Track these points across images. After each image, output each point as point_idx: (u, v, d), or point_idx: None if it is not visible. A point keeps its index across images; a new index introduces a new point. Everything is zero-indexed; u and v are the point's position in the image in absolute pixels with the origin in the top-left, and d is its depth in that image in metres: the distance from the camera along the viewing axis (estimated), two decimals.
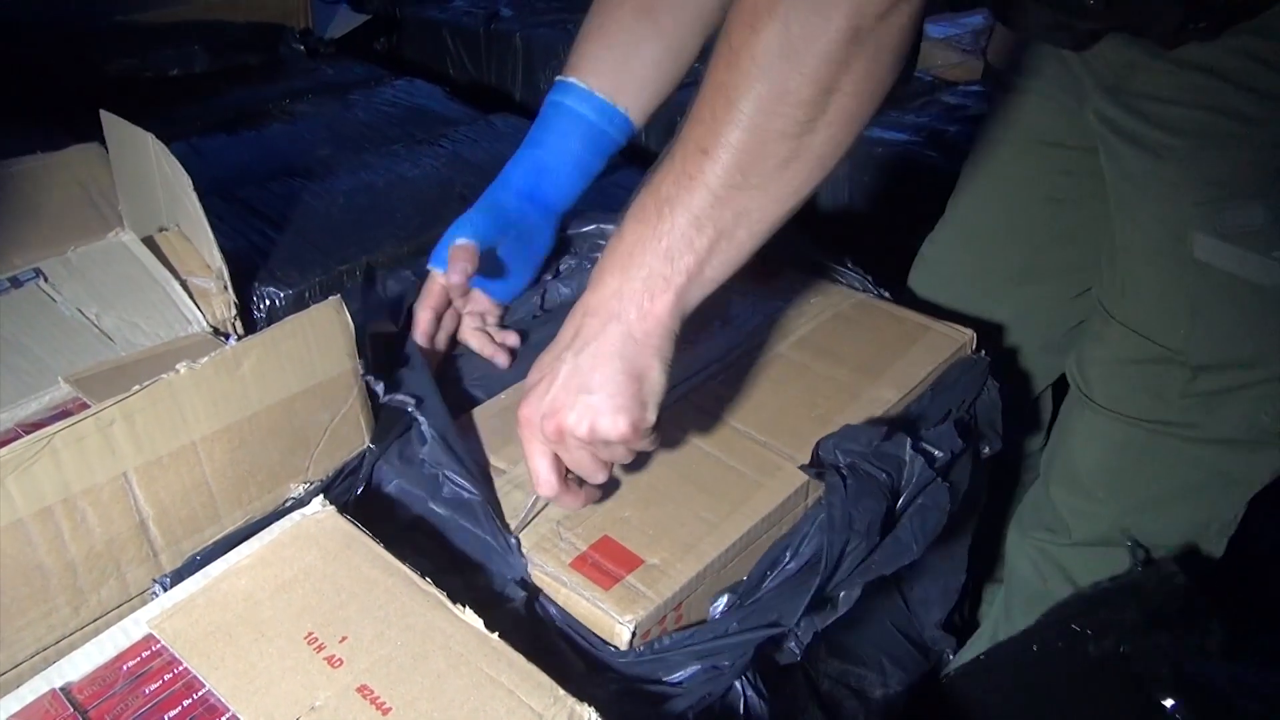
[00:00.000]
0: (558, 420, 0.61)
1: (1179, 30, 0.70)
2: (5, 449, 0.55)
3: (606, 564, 0.66)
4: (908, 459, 0.70)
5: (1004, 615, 1.03)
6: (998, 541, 1.11)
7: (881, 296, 0.96)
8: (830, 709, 0.86)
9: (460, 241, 0.81)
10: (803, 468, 0.73)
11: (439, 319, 0.85)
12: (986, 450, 0.88)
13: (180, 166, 0.90)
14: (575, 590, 0.65)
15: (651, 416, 0.62)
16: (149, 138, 0.92)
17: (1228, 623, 0.83)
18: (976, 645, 1.07)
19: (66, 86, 1.50)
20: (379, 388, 0.76)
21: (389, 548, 0.63)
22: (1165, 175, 0.78)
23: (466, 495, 0.70)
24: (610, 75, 0.84)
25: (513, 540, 0.67)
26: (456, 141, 1.33)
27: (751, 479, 0.73)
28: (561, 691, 0.54)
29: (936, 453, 0.74)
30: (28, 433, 0.74)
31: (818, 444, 0.74)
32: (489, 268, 0.84)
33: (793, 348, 0.87)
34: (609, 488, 0.71)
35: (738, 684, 0.64)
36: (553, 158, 0.85)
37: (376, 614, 0.58)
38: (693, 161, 0.57)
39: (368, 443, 0.75)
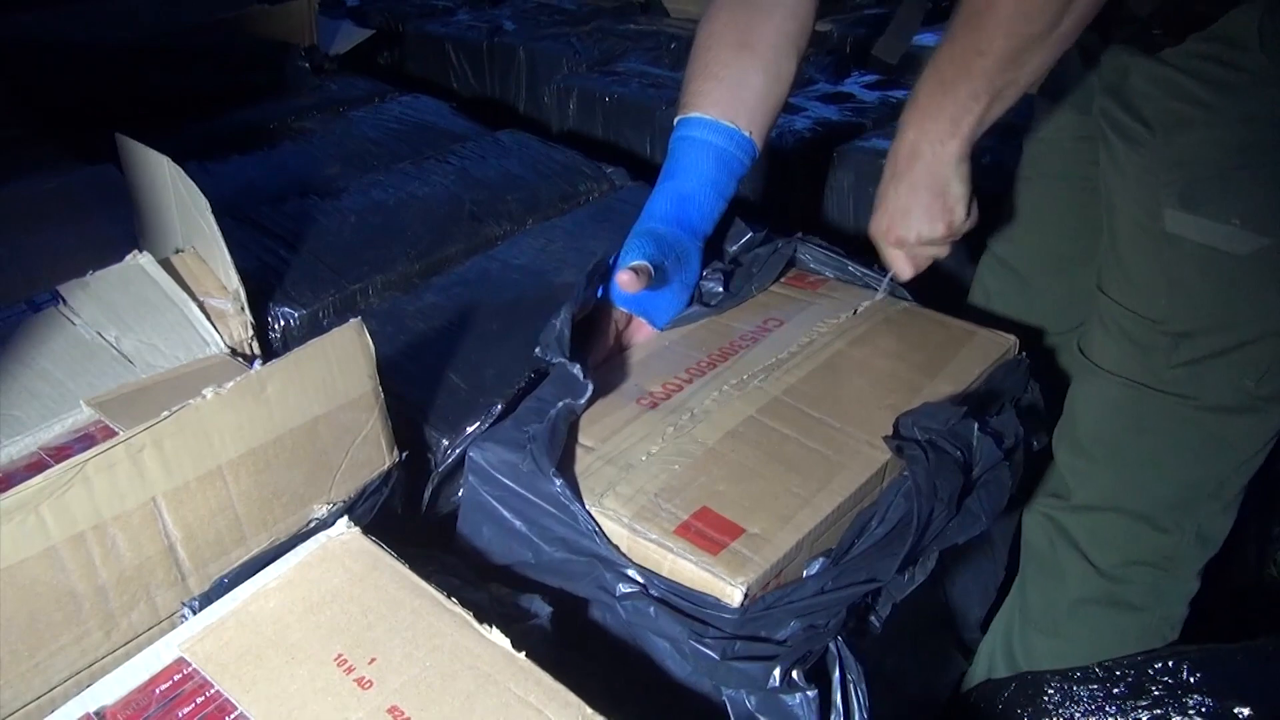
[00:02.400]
0: (896, 233, 0.87)
1: (1152, 38, 0.83)
2: (39, 477, 0.56)
3: (710, 531, 0.68)
4: (976, 440, 0.75)
5: (1019, 592, 1.06)
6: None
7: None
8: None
9: (638, 262, 0.85)
10: (887, 439, 0.76)
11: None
12: (1035, 445, 0.92)
13: (196, 188, 0.91)
14: (683, 555, 0.67)
15: (961, 213, 0.85)
16: (164, 160, 0.93)
17: None
18: (991, 632, 1.09)
19: (74, 108, 1.51)
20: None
21: (414, 565, 0.64)
22: (1141, 161, 0.86)
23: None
24: (725, 104, 0.91)
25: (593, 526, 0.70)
26: (464, 158, 1.34)
27: (834, 460, 0.76)
28: (589, 710, 0.55)
29: (1004, 438, 0.78)
30: (51, 456, 0.76)
31: (898, 419, 0.77)
32: (655, 287, 0.89)
33: (852, 345, 0.91)
34: (703, 464, 0.75)
35: (832, 645, 0.67)
36: (691, 185, 0.92)
37: (404, 634, 0.59)
38: (968, 57, 0.77)
39: (389, 462, 0.76)
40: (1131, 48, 0.86)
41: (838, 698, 0.68)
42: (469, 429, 0.82)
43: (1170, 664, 0.96)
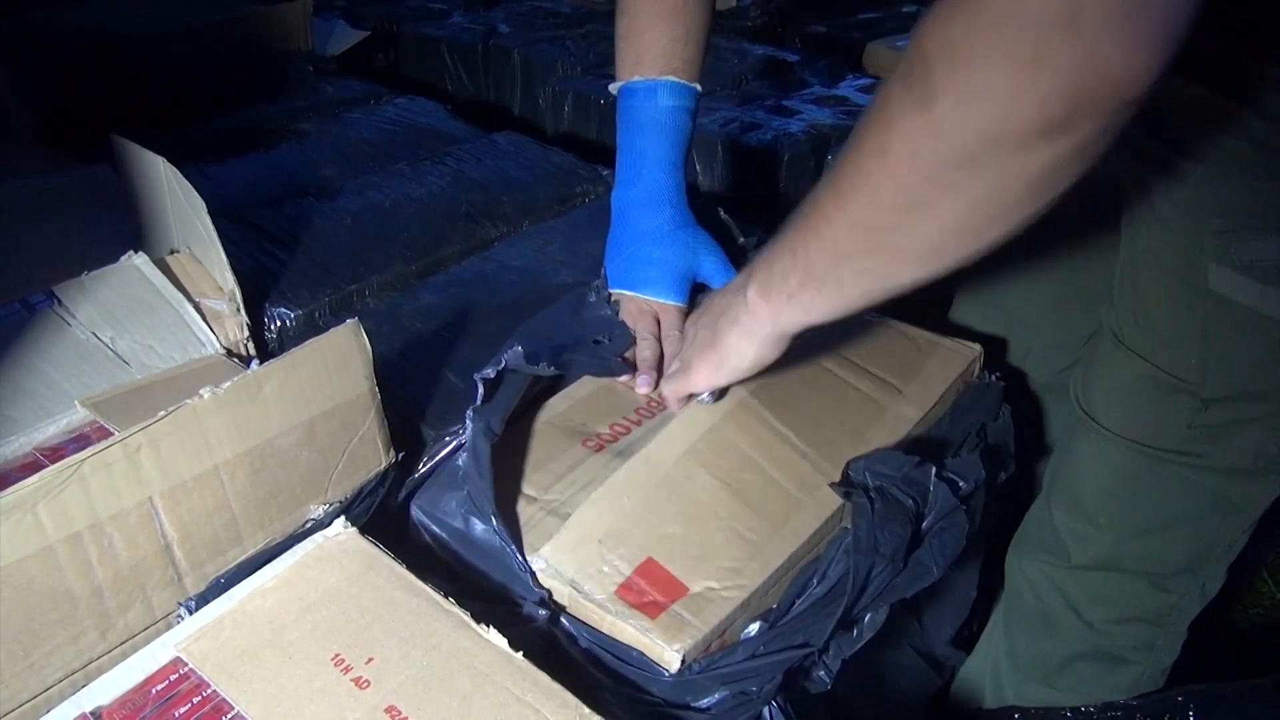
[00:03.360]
0: (686, 359, 0.79)
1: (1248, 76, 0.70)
2: (35, 477, 0.56)
3: (652, 591, 0.66)
4: (932, 486, 0.72)
5: (1004, 635, 1.03)
6: (1001, 557, 1.11)
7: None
8: None
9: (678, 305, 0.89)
10: (833, 486, 0.74)
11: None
12: (1002, 476, 0.89)
13: (193, 189, 0.91)
14: (622, 619, 0.65)
15: (720, 382, 0.77)
16: (160, 161, 0.93)
17: None
18: (976, 662, 1.07)
19: (70, 109, 1.51)
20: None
21: (412, 567, 0.64)
22: (1183, 200, 0.77)
23: (493, 530, 0.70)
24: (656, 60, 0.88)
25: (528, 575, 0.68)
26: (460, 160, 1.34)
27: (793, 496, 0.74)
28: (587, 710, 0.55)
29: (960, 482, 0.75)
30: (46, 457, 0.75)
31: (848, 464, 0.75)
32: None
33: (822, 355, 0.89)
34: (655, 497, 0.73)
35: (766, 711, 0.65)
36: (662, 165, 0.89)
37: (401, 634, 0.59)
38: (800, 235, 0.64)
39: (386, 462, 0.76)
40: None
41: None
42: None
43: (1176, 701, 0.93)
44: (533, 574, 0.68)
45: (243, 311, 0.93)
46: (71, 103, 1.50)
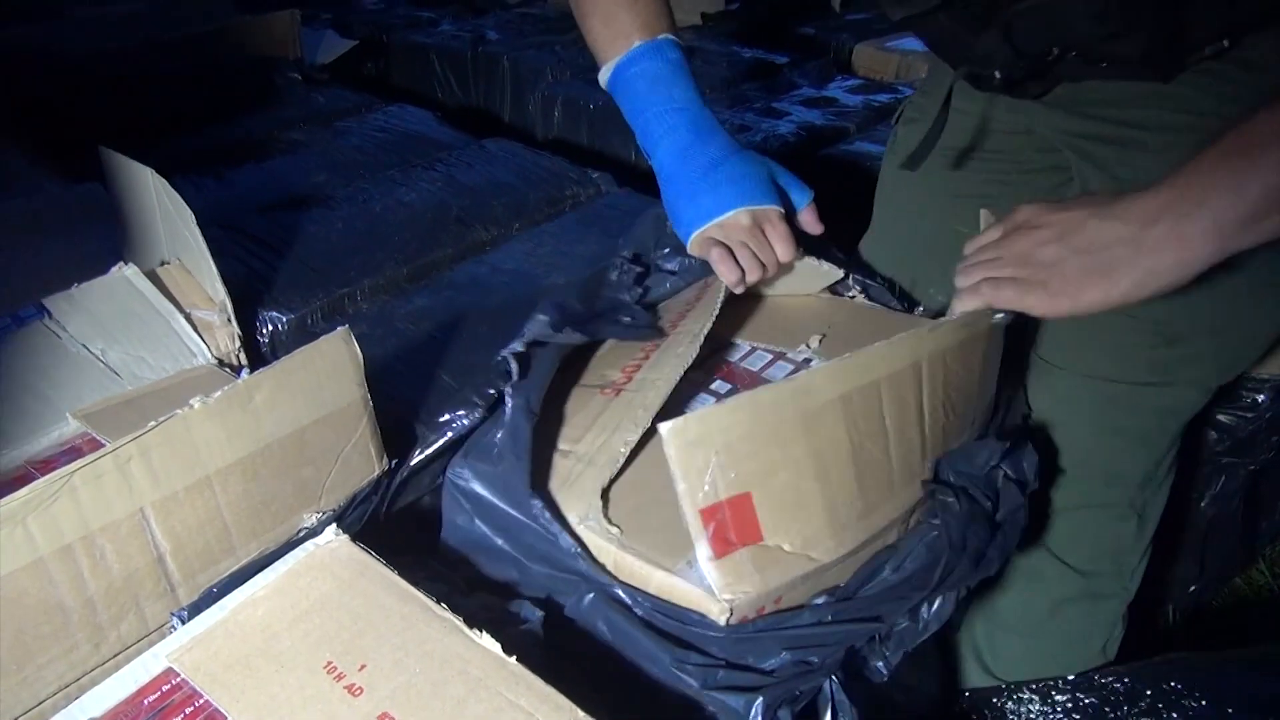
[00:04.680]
0: (1030, 246, 0.72)
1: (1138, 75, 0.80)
2: (25, 489, 0.56)
3: (730, 526, 0.62)
4: (1001, 486, 0.74)
5: (984, 604, 1.04)
6: None
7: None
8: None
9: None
10: (925, 482, 0.73)
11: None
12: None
13: (181, 200, 0.91)
14: (672, 571, 0.65)
15: (1088, 306, 0.69)
16: (148, 173, 0.93)
17: None
18: (968, 623, 1.08)
19: (59, 121, 1.51)
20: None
21: (404, 572, 0.64)
22: (1144, 165, 0.83)
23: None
24: (632, 28, 0.87)
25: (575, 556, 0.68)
26: (450, 165, 1.34)
27: (895, 479, 0.71)
28: (582, 714, 0.54)
29: (1025, 480, 0.76)
30: (38, 470, 0.75)
31: (939, 462, 0.74)
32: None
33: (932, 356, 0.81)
34: (783, 438, 0.66)
35: (828, 686, 0.64)
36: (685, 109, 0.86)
37: (394, 641, 0.59)
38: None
39: (379, 470, 0.76)
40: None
41: None
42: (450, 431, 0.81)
43: (1163, 670, 0.96)
44: (583, 549, 0.67)
45: (234, 322, 0.93)
46: (60, 118, 1.50)
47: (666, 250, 0.93)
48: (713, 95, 1.76)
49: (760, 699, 0.62)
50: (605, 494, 0.71)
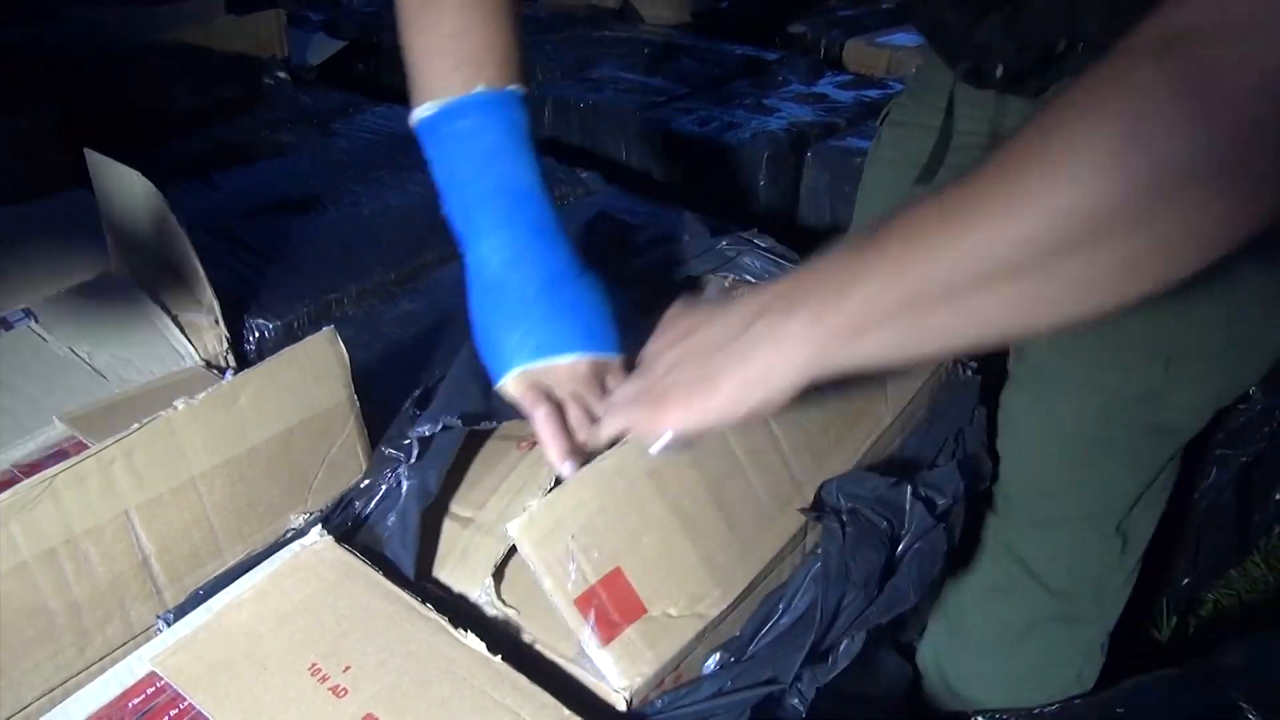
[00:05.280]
0: (660, 390, 0.61)
1: None
2: (8, 492, 0.56)
3: (610, 608, 0.60)
4: (908, 505, 0.69)
5: (945, 615, 1.01)
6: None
7: None
8: None
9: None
10: (804, 510, 0.70)
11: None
12: (981, 486, 0.87)
13: (167, 203, 0.90)
14: (578, 633, 0.61)
15: (704, 424, 0.60)
16: (135, 175, 0.93)
17: None
18: (925, 645, 1.05)
19: (46, 127, 1.51)
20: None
21: (388, 573, 0.64)
22: None
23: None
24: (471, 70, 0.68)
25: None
26: None
27: (767, 511, 0.69)
28: (566, 711, 0.54)
29: (938, 500, 0.72)
30: (25, 474, 0.75)
31: (821, 487, 0.71)
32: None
33: None
34: (637, 500, 0.63)
35: None
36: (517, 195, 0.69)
37: (379, 642, 0.59)
38: (929, 223, 0.51)
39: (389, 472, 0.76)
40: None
41: None
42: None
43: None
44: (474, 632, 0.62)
45: (221, 324, 0.92)
46: (46, 121, 1.49)
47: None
48: (703, 91, 1.76)
49: None
50: (500, 569, 0.66)
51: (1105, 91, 0.45)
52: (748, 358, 0.57)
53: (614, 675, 0.60)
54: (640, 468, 0.64)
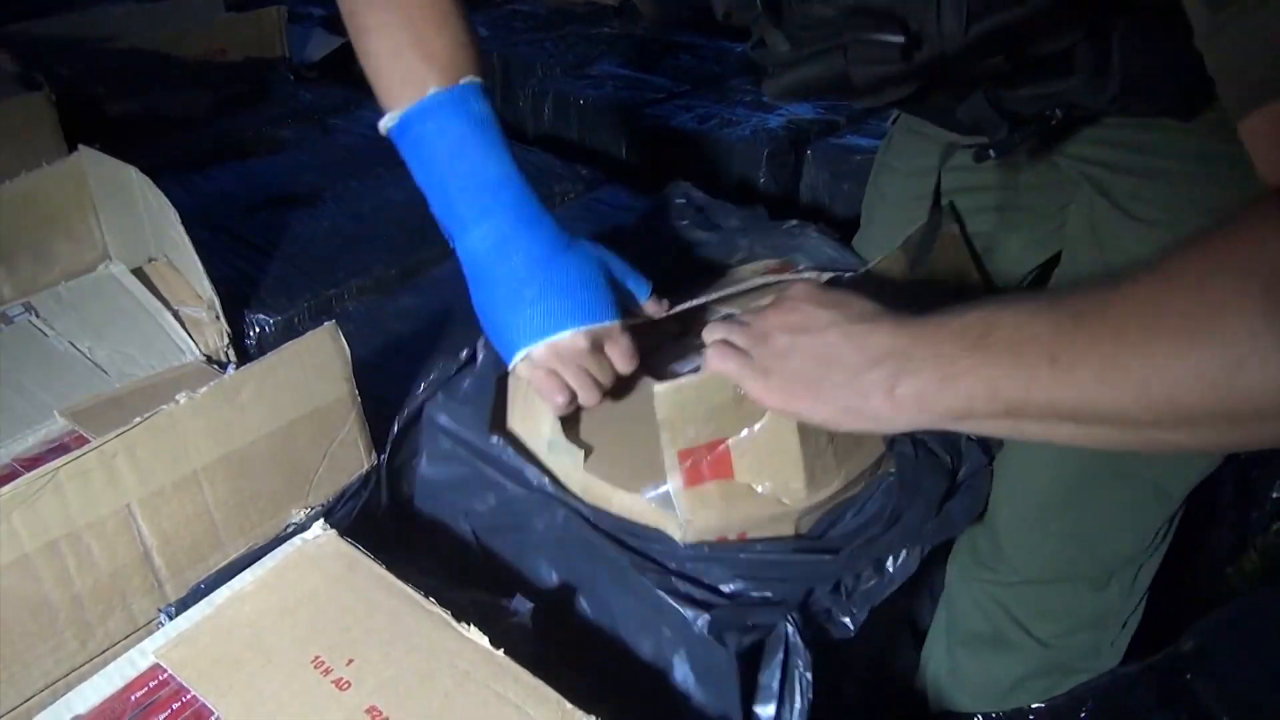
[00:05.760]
0: (772, 327, 0.63)
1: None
2: (9, 485, 0.56)
3: (704, 464, 0.66)
4: (964, 446, 0.75)
5: (946, 653, 0.98)
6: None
7: None
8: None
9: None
10: (884, 437, 0.73)
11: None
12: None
13: (165, 199, 0.90)
14: (631, 490, 0.68)
15: (793, 415, 0.63)
16: (131, 171, 0.93)
17: None
18: (934, 670, 1.02)
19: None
20: None
21: (392, 566, 0.64)
22: (1164, 200, 0.75)
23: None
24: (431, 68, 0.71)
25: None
26: None
27: (857, 435, 0.71)
28: (569, 705, 0.55)
29: (992, 444, 0.78)
30: (25, 468, 0.75)
31: None
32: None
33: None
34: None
35: (786, 629, 0.65)
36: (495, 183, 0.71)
37: (382, 635, 0.59)
38: (1035, 351, 0.50)
39: (367, 465, 0.76)
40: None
41: (774, 682, 0.65)
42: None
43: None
44: (549, 475, 0.71)
45: (222, 319, 0.92)
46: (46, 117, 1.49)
47: None
48: (704, 90, 1.76)
49: (708, 615, 0.63)
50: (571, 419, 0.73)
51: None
52: (865, 396, 0.58)
53: (683, 509, 0.65)
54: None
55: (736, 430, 0.66)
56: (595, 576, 0.70)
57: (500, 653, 0.58)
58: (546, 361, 0.69)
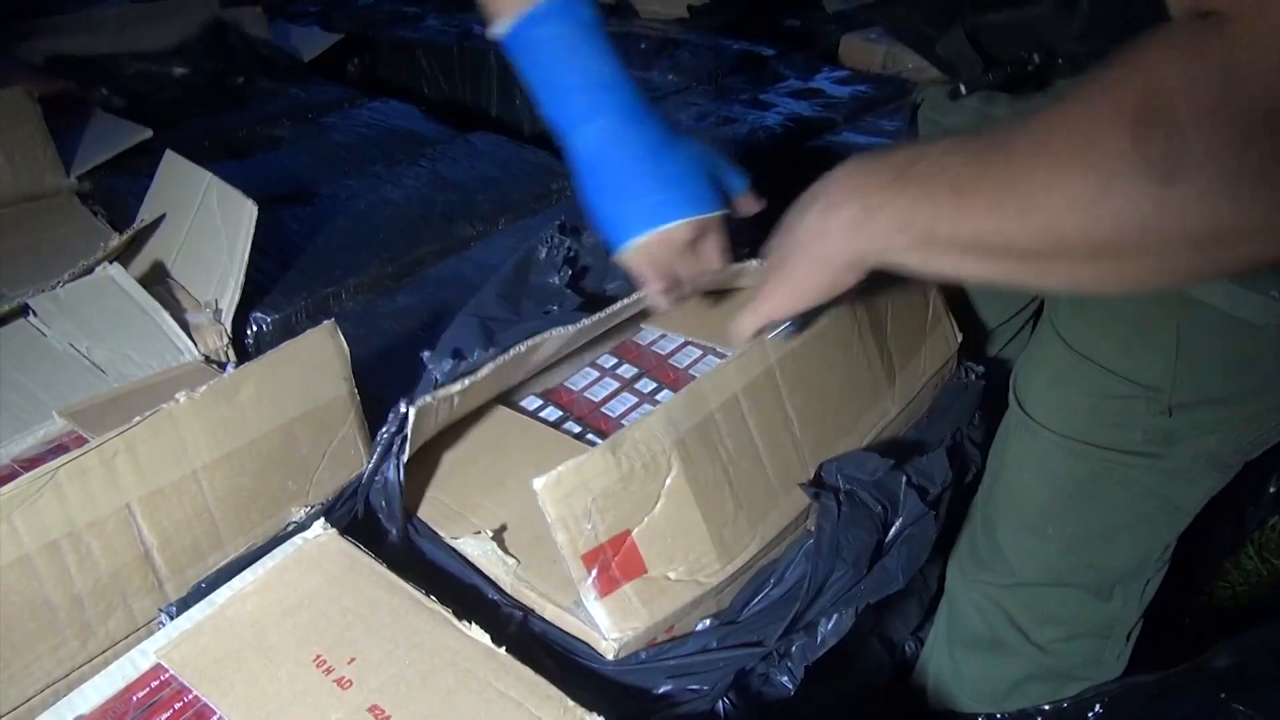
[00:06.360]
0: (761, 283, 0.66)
1: None
2: (9, 485, 0.56)
3: (614, 564, 0.63)
4: (902, 493, 0.71)
5: (948, 654, 0.99)
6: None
7: None
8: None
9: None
10: (803, 485, 0.72)
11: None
12: (968, 477, 0.88)
13: (247, 212, 0.93)
14: (561, 606, 0.65)
15: (789, 309, 0.66)
16: (207, 177, 0.95)
17: None
18: (923, 669, 1.03)
19: None
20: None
21: (392, 565, 0.64)
22: None
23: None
24: None
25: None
26: (435, 160, 1.34)
27: (774, 492, 0.71)
28: (571, 702, 0.55)
29: (930, 487, 0.74)
30: (24, 468, 0.75)
31: (822, 466, 0.73)
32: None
33: (862, 304, 0.81)
34: (659, 471, 0.65)
35: (720, 707, 0.64)
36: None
37: (383, 634, 0.59)
38: (943, 182, 0.52)
39: (367, 464, 0.76)
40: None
41: None
42: None
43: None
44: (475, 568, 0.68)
45: (223, 320, 0.92)
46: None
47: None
48: (699, 87, 1.76)
49: None
50: (502, 527, 0.71)
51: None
52: (807, 245, 0.61)
53: (606, 625, 0.62)
54: (668, 439, 0.66)
55: (635, 515, 0.64)
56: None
57: (502, 650, 0.58)
58: (652, 249, 0.73)
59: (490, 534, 0.70)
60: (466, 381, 0.72)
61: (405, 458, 0.70)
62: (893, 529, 0.71)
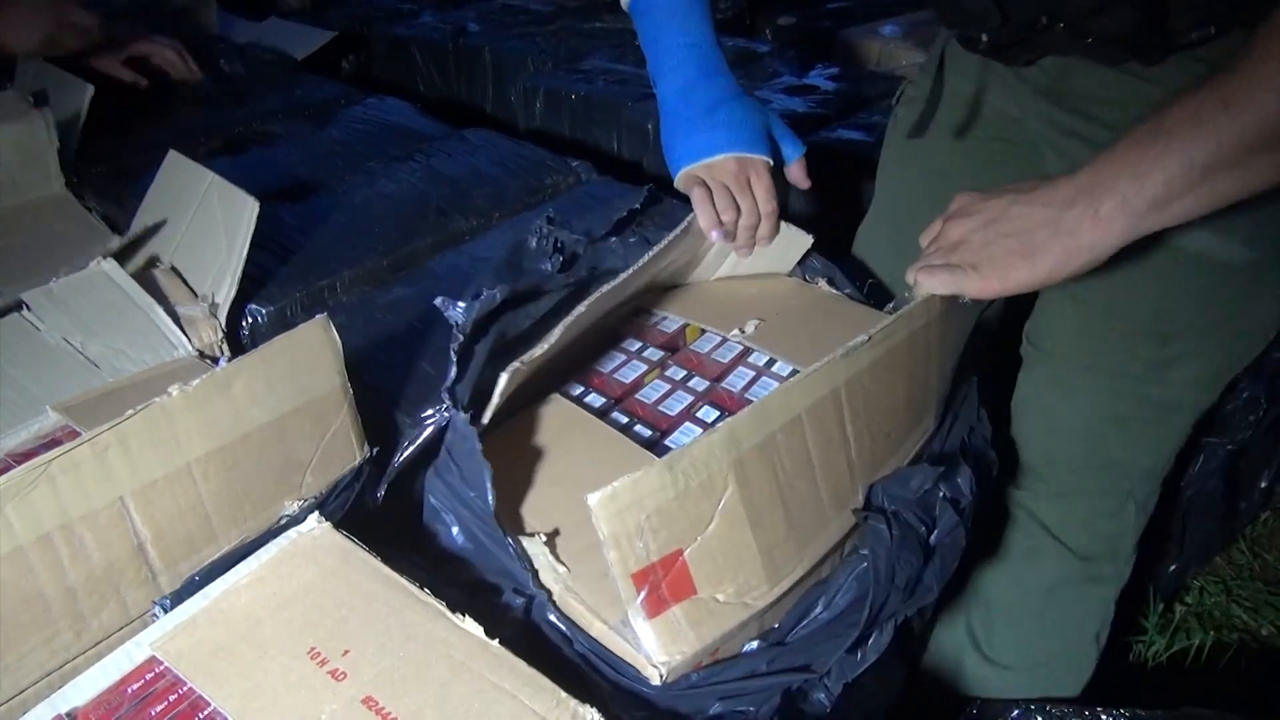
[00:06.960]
0: (963, 233, 0.75)
1: (1115, 57, 0.81)
2: (3, 478, 0.56)
3: (664, 585, 0.62)
4: (939, 509, 0.73)
5: (976, 588, 1.06)
6: None
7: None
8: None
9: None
10: (855, 511, 0.72)
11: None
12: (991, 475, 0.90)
13: (248, 208, 0.95)
14: (611, 626, 0.65)
15: (1011, 290, 0.73)
16: (209, 176, 0.96)
17: None
18: (966, 610, 1.08)
19: None
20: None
21: (386, 559, 0.64)
22: None
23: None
24: None
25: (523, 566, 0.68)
26: (430, 156, 1.34)
27: (826, 514, 0.71)
28: (564, 694, 0.55)
29: (960, 499, 0.75)
30: (19, 462, 0.75)
31: (871, 488, 0.73)
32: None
33: (915, 352, 0.80)
34: (713, 490, 0.64)
35: None
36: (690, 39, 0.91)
37: (377, 626, 0.59)
38: (1209, 108, 0.64)
39: (360, 457, 0.76)
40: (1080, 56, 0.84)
41: None
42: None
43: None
44: (533, 571, 0.67)
45: (219, 315, 0.92)
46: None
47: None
48: None
49: None
50: (555, 531, 0.71)
51: None
52: (1075, 233, 0.70)
53: (654, 649, 0.61)
54: (727, 458, 0.64)
55: (689, 535, 0.63)
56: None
57: (495, 643, 0.58)
58: (698, 174, 0.89)
59: (544, 538, 0.69)
60: (545, 346, 0.74)
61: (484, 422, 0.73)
62: (931, 542, 0.73)
